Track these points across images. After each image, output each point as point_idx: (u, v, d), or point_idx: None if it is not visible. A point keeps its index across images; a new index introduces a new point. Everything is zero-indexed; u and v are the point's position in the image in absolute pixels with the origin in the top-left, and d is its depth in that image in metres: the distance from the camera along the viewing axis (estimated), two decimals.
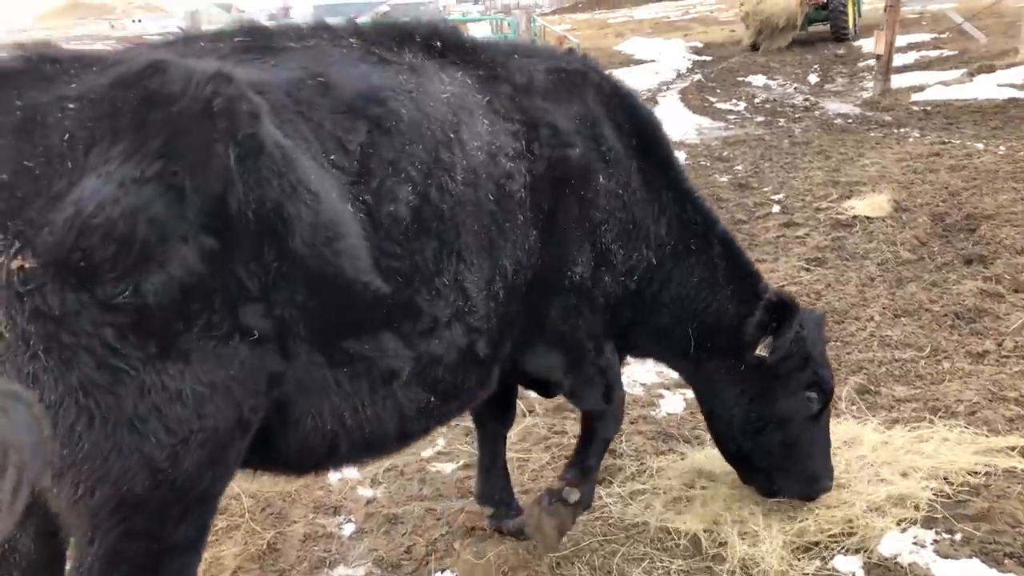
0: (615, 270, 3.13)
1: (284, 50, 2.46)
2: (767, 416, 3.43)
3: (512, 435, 4.58)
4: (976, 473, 3.74)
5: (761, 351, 3.32)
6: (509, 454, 4.11)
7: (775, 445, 3.47)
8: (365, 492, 4.15)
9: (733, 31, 29.08)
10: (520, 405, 4.85)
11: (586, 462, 3.45)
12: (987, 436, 4.02)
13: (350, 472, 4.21)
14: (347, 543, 3.76)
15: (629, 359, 3.81)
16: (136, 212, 1.88)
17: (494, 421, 3.74)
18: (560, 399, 4.98)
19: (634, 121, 3.24)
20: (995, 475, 3.74)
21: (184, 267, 1.95)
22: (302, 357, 2.25)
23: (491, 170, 2.65)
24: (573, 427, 4.65)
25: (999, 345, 5.03)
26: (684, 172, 3.50)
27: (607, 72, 3.35)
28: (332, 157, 2.30)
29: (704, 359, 3.48)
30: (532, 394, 5.09)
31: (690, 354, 3.45)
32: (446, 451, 4.60)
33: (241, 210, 2.04)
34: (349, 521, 3.93)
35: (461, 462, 4.45)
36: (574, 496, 3.34)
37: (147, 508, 2.02)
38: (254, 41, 2.48)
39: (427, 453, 4.57)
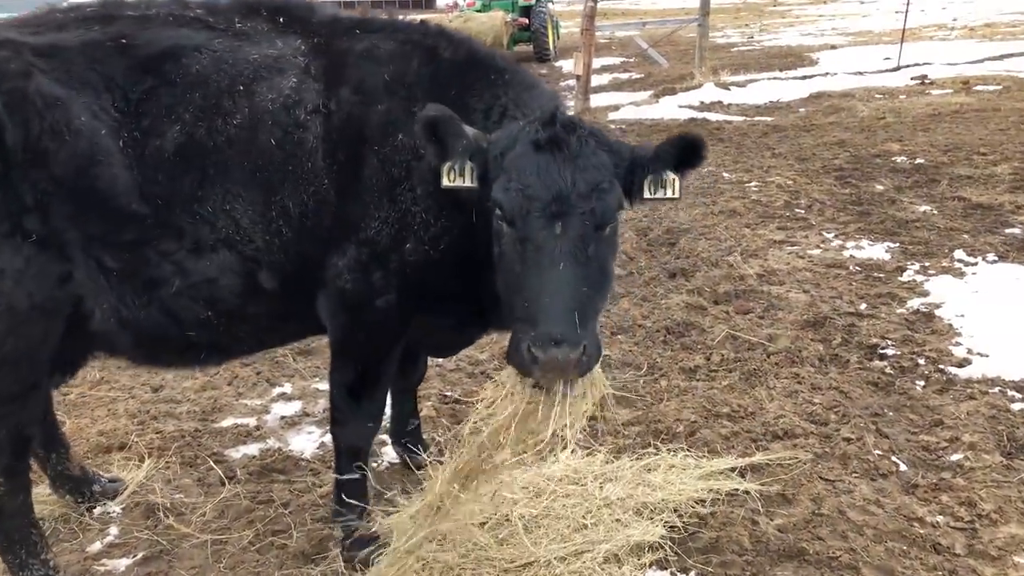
0: (417, 235, 3.02)
1: (117, 18, 2.99)
2: None
3: (207, 510, 3.87)
4: (702, 501, 3.69)
5: None
6: (203, 536, 3.67)
7: None
8: None
9: None
10: (218, 471, 4.14)
11: (339, 484, 3.47)
12: (708, 458, 4.03)
13: None
14: None
15: None
16: None
17: (399, 376, 3.81)
18: (266, 459, 4.36)
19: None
20: (720, 501, 3.72)
21: None
22: (79, 260, 2.83)
23: (281, 119, 2.92)
24: (281, 493, 3.99)
25: (707, 359, 5.18)
26: None
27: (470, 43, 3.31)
28: (116, 104, 2.82)
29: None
30: (237, 456, 4.41)
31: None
32: (120, 542, 3.72)
33: (14, 143, 2.67)
34: None
35: (140, 554, 3.61)
36: (338, 533, 3.48)
37: None
38: (99, 11, 3.04)
39: (95, 547, 3.68)
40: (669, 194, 2.88)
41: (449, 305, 3.24)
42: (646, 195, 2.86)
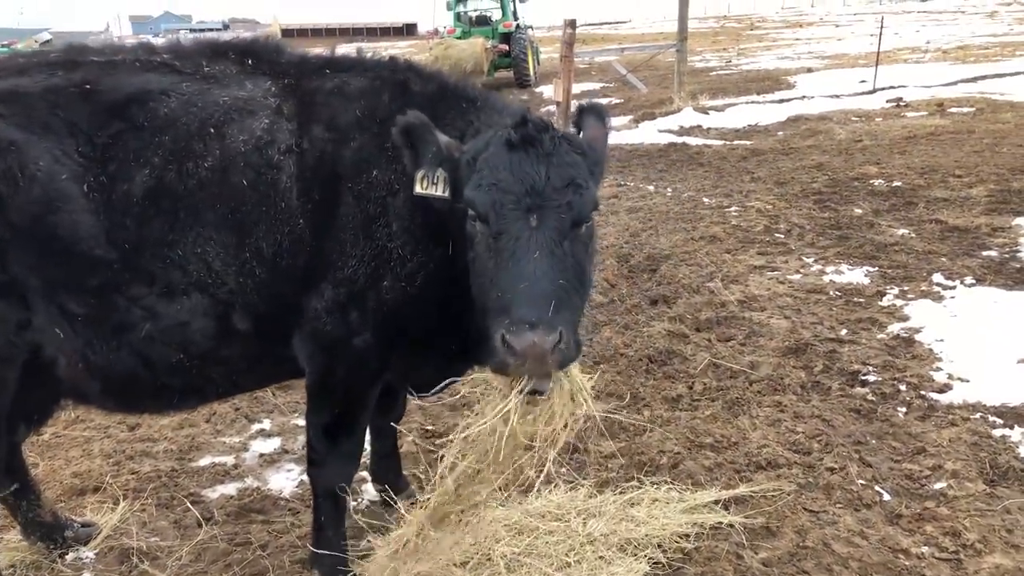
0: (394, 272, 2.99)
1: (81, 64, 2.96)
2: None
3: (183, 553, 3.79)
4: (687, 536, 3.65)
5: None
6: None
7: None
8: None
9: None
10: (195, 513, 4.06)
11: (317, 525, 3.43)
12: (692, 491, 3.99)
13: None
14: None
15: None
16: None
17: (377, 414, 3.73)
18: (244, 498, 4.28)
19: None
20: (704, 535, 3.68)
21: None
22: (39, 307, 2.80)
23: (254, 160, 2.89)
24: (259, 535, 3.92)
25: (690, 388, 5.16)
26: None
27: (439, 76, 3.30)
28: (80, 148, 2.77)
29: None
30: (214, 496, 4.33)
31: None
32: None
33: None
34: None
35: None
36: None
37: None
38: (63, 57, 3.02)
39: None
40: None
41: (429, 342, 3.21)
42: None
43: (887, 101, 16.15)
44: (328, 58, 3.29)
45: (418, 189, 2.78)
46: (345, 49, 3.62)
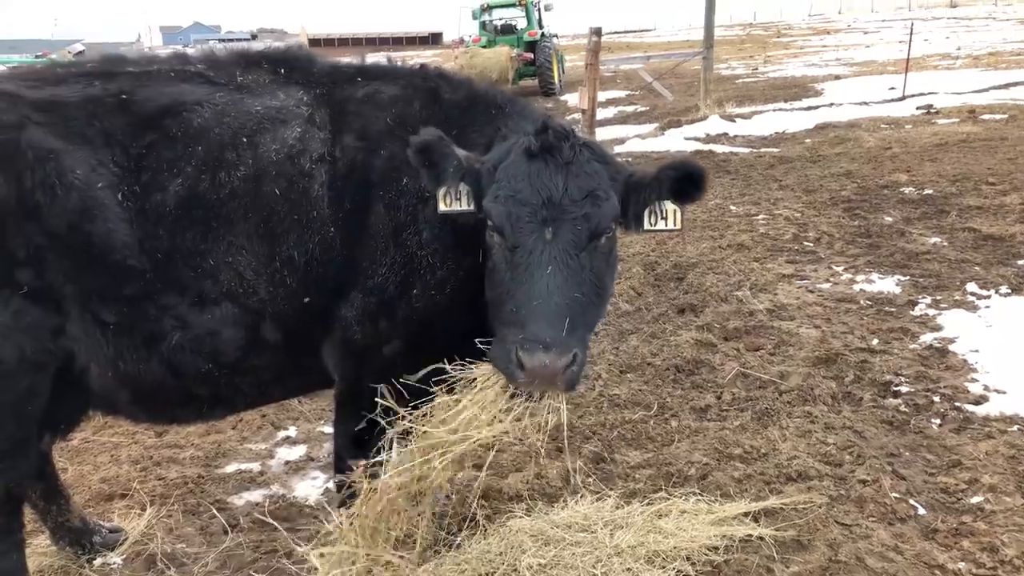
0: (424, 280, 2.95)
1: (118, 74, 2.98)
2: None
3: (209, 560, 3.80)
4: (716, 548, 3.58)
5: None
6: None
7: None
8: None
9: None
10: (221, 520, 4.06)
11: None
12: (721, 503, 3.92)
13: None
14: None
15: None
16: None
17: None
18: (270, 506, 4.28)
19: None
20: (734, 548, 3.61)
21: None
22: (74, 314, 2.78)
23: (286, 169, 2.89)
24: (285, 543, 3.90)
25: (718, 398, 5.10)
26: None
27: (470, 83, 3.28)
28: (115, 158, 2.78)
29: None
30: (240, 503, 4.34)
31: None
32: None
33: (6, 196, 2.64)
34: None
35: None
36: None
37: None
38: (100, 67, 3.03)
39: None
40: (670, 225, 2.85)
41: (457, 350, 3.19)
42: (646, 226, 2.82)
43: (917, 108, 15.93)
44: (360, 66, 3.29)
45: (442, 208, 2.79)
46: (373, 58, 3.62)
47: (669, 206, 2.79)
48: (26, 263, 2.69)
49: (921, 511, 3.85)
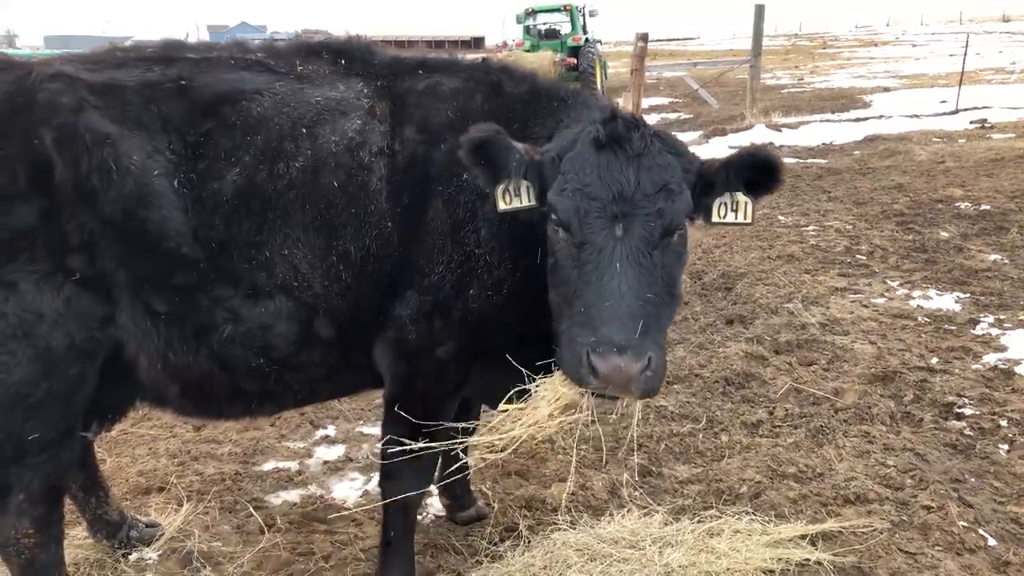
0: (481, 279, 2.84)
1: (177, 60, 2.90)
2: None
3: (245, 560, 3.71)
4: (771, 572, 3.42)
5: None
6: None
7: None
8: None
9: None
10: (257, 519, 3.98)
11: (386, 539, 3.29)
12: (775, 523, 3.75)
13: None
14: None
15: None
16: None
17: None
18: (307, 506, 4.20)
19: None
20: (790, 572, 3.44)
21: (21, 218, 2.55)
22: (125, 303, 2.71)
23: (344, 161, 2.80)
24: (322, 545, 3.81)
25: (771, 414, 4.91)
26: None
27: (533, 77, 3.15)
28: (172, 145, 2.71)
29: None
30: (277, 502, 4.26)
31: None
32: None
33: (63, 180, 2.58)
34: None
35: None
36: None
37: None
38: (160, 52, 2.95)
39: None
40: (740, 219, 2.69)
41: (513, 354, 3.06)
42: (715, 218, 2.68)
43: (971, 122, 15.48)
44: (421, 59, 3.19)
45: (502, 206, 2.65)
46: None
47: (741, 198, 2.64)
48: (79, 249, 2.62)
49: (992, 542, 3.63)
